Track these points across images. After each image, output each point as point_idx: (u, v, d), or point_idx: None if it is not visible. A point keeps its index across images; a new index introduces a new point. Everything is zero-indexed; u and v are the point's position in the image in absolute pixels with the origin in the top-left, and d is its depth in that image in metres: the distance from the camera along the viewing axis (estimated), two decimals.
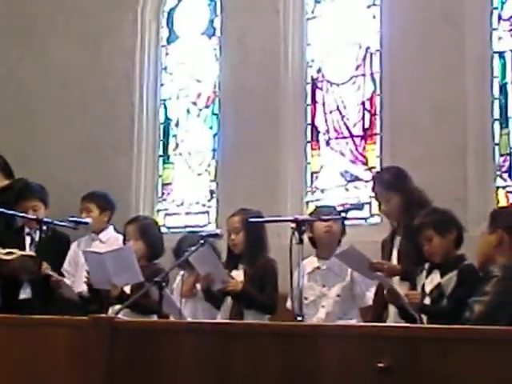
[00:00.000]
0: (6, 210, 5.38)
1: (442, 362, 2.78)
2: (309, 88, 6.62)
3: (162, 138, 7.32)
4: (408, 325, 3.78)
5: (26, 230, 5.73)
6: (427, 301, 4.18)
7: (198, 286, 5.13)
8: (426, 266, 4.30)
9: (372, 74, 6.35)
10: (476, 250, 4.15)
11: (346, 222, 5.07)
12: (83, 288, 5.43)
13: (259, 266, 4.88)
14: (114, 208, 5.83)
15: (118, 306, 4.70)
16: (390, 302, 4.29)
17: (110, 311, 4.76)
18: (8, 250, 5.38)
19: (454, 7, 5.86)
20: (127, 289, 4.94)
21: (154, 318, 4.58)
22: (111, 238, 5.64)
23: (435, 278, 4.21)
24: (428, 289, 4.21)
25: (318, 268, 4.91)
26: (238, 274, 4.93)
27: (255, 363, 3.21)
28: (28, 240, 5.68)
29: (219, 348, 3.32)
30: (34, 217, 5.32)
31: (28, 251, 5.49)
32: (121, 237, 5.42)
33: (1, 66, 7.87)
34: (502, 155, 5.73)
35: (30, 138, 7.60)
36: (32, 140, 7.59)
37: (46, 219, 5.18)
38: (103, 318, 3.76)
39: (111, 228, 5.78)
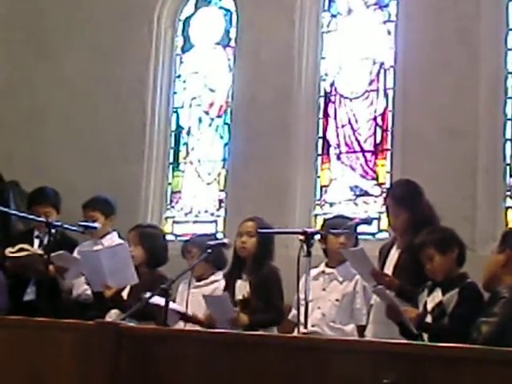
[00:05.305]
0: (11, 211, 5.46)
1: (449, 381, 2.77)
2: (321, 101, 6.63)
3: (172, 145, 7.33)
4: (416, 342, 3.74)
5: (36, 232, 5.76)
6: (429, 319, 4.16)
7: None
8: (429, 283, 4.28)
9: (385, 90, 6.36)
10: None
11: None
12: (82, 290, 5.45)
13: (263, 275, 4.88)
14: (116, 210, 5.85)
15: (114, 311, 4.71)
16: (389, 318, 4.26)
17: (107, 316, 4.77)
18: (19, 246, 5.43)
19: (470, 26, 5.87)
20: (124, 294, 4.95)
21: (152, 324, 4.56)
22: (114, 243, 5.63)
23: (437, 296, 4.18)
24: (430, 307, 4.18)
25: (323, 272, 4.93)
26: (243, 284, 4.93)
27: (260, 374, 3.21)
28: (36, 242, 5.71)
29: (224, 358, 3.32)
30: (44, 219, 5.35)
31: (37, 250, 5.52)
32: (124, 242, 5.42)
33: (16, 75, 7.89)
34: None
35: (41, 145, 7.63)
36: (44, 147, 7.61)
37: (55, 223, 5.20)
38: (109, 324, 3.76)
39: (115, 233, 5.77)
